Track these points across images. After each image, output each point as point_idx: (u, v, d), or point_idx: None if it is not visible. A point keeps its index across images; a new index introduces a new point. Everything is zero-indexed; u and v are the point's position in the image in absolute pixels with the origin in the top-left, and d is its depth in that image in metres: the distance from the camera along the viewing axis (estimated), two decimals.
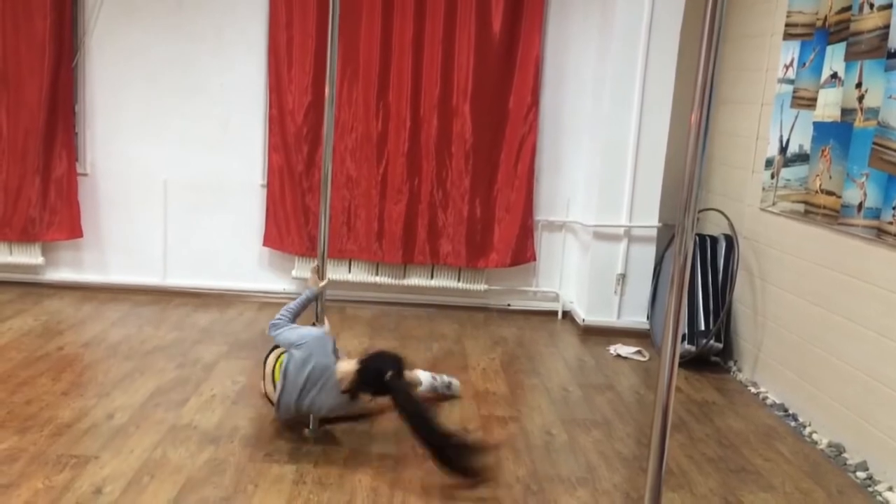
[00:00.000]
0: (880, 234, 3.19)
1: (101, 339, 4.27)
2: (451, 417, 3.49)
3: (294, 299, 3.45)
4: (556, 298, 5.37)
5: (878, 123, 3.23)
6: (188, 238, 5.28)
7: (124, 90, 5.13)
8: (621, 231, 4.94)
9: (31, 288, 5.16)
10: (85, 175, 5.19)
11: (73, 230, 5.14)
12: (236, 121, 5.17)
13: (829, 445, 3.42)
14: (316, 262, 3.41)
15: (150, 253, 5.29)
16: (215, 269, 5.30)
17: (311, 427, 3.26)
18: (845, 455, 3.33)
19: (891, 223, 3.12)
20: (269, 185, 5.16)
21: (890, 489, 3.02)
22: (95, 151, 5.20)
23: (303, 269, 5.23)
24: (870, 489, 3.06)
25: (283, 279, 5.33)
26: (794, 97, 3.95)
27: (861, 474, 3.16)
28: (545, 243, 5.34)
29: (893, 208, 3.10)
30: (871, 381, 3.22)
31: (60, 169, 5.06)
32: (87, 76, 5.12)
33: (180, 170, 5.21)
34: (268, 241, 5.22)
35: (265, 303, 5.22)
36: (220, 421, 3.31)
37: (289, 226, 5.17)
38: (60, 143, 5.05)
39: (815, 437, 3.53)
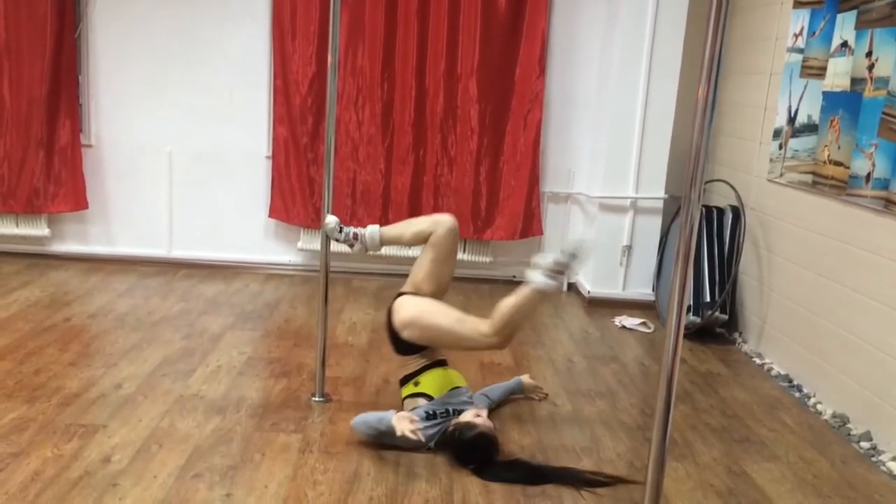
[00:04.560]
0: (888, 204, 3.16)
1: (107, 311, 4.29)
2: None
3: (297, 270, 3.36)
4: None
5: (888, 93, 3.19)
6: (194, 210, 5.28)
7: (128, 61, 5.10)
8: (627, 203, 4.92)
9: (37, 259, 5.18)
10: (89, 146, 5.19)
11: (78, 202, 5.14)
12: (241, 92, 5.15)
13: (834, 416, 3.43)
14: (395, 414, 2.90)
15: (156, 224, 5.29)
16: (221, 241, 5.31)
17: (317, 396, 3.28)
18: (849, 425, 3.34)
19: None
20: (275, 157, 5.14)
21: (893, 459, 3.03)
22: (100, 123, 5.19)
23: (308, 241, 5.23)
24: (873, 459, 3.07)
25: (289, 251, 5.34)
26: (803, 67, 3.90)
27: (865, 444, 3.17)
28: (551, 215, 5.32)
29: None
30: (877, 352, 3.21)
31: (64, 140, 5.06)
32: (90, 47, 5.09)
33: (185, 141, 5.20)
34: (273, 212, 5.22)
35: (271, 274, 5.23)
36: (227, 391, 3.33)
37: (294, 197, 5.16)
38: (64, 115, 5.04)
39: (819, 407, 3.54)
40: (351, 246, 3.23)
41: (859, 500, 2.76)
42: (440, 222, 3.11)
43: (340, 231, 3.19)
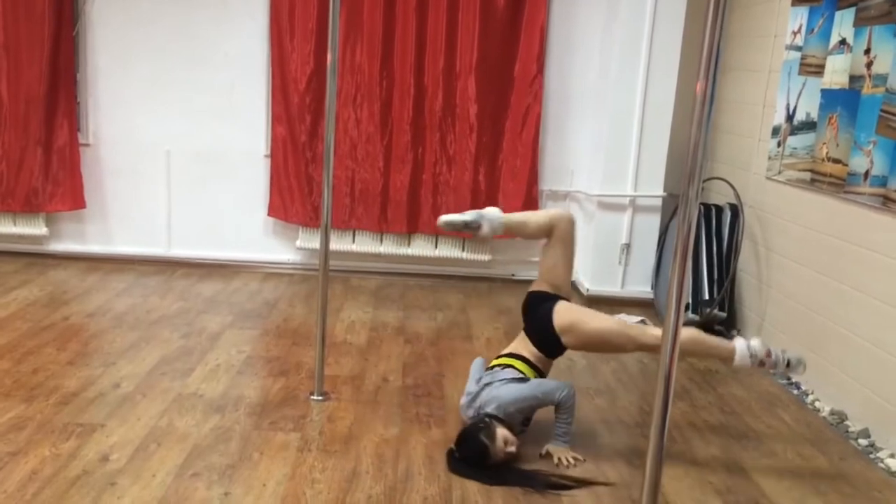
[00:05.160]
0: (886, 202, 3.16)
1: (106, 310, 4.29)
2: (456, 385, 3.50)
3: (296, 268, 3.32)
4: None
5: (887, 90, 3.19)
6: (192, 208, 5.28)
7: (126, 59, 5.09)
8: (626, 201, 4.92)
9: (35, 258, 5.18)
10: (87, 145, 5.18)
11: (76, 201, 5.14)
12: (240, 90, 5.14)
13: (832, 413, 3.43)
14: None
15: (155, 223, 5.29)
16: (220, 240, 5.30)
17: (316, 394, 3.28)
18: (847, 423, 3.34)
19: None
20: (273, 156, 5.14)
21: (892, 456, 3.03)
22: (98, 121, 5.18)
23: (307, 240, 5.23)
24: (871, 456, 3.07)
25: (288, 249, 5.33)
26: (801, 64, 3.90)
27: (863, 441, 3.17)
28: None
29: None
30: (875, 349, 3.22)
31: (62, 139, 5.05)
32: (88, 45, 5.09)
33: (183, 140, 5.19)
34: (272, 211, 5.21)
35: (270, 273, 5.23)
36: (226, 390, 3.33)
37: (293, 196, 5.15)
38: (62, 113, 5.03)
39: (817, 404, 3.54)
40: (475, 231, 3.14)
41: (857, 496, 2.76)
42: (562, 217, 3.13)
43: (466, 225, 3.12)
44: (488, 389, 2.91)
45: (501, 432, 2.78)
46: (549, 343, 2.98)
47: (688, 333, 2.87)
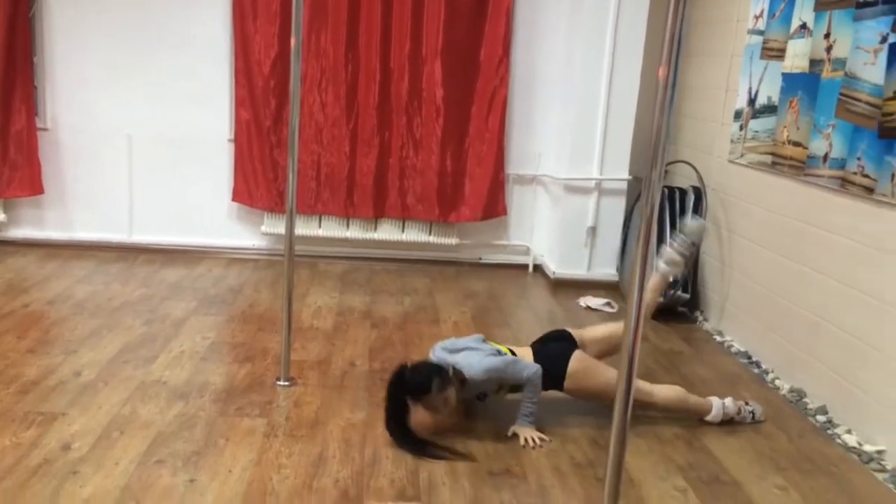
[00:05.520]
0: (844, 184, 3.22)
1: (66, 297, 4.22)
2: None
3: (261, 254, 3.33)
4: (526, 252, 5.39)
5: (845, 74, 3.24)
6: (154, 194, 5.20)
7: (85, 42, 4.98)
8: (592, 184, 4.95)
9: None
10: (45, 130, 5.07)
11: (34, 187, 5.03)
12: (203, 74, 5.06)
13: (791, 391, 3.50)
14: None
15: (116, 209, 5.20)
16: (183, 225, 5.23)
17: (282, 380, 3.27)
18: (806, 400, 3.41)
19: (855, 173, 3.15)
20: (237, 140, 5.08)
21: (848, 432, 3.10)
22: (56, 106, 5.07)
23: (272, 225, 5.19)
24: (829, 432, 3.14)
25: (253, 235, 5.28)
26: (763, 48, 3.95)
27: (821, 418, 3.25)
28: (516, 197, 5.34)
29: (858, 158, 3.13)
30: (833, 328, 3.29)
31: (19, 124, 4.93)
32: (45, 28, 4.96)
33: (145, 124, 5.10)
34: (237, 196, 5.16)
35: (234, 259, 5.18)
36: (190, 377, 3.30)
37: (257, 181, 5.10)
38: (19, 98, 4.91)
39: (777, 382, 3.62)
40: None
41: (815, 472, 2.83)
42: None
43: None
44: (469, 353, 2.95)
45: (451, 391, 2.82)
46: (550, 378, 3.01)
47: (675, 393, 3.14)
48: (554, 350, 3.10)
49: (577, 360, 3.05)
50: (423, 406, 2.78)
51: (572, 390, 3.06)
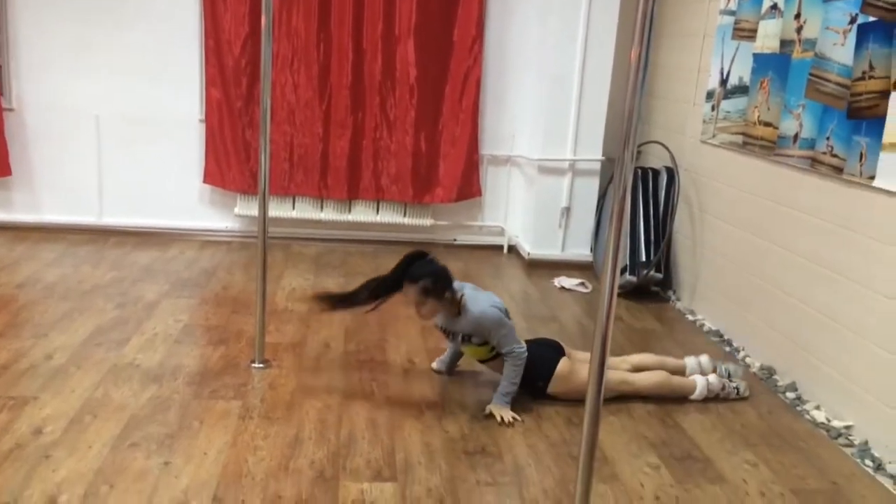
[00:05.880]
0: (814, 163, 3.26)
1: (35, 280, 4.15)
2: (399, 350, 3.52)
3: (234, 236, 3.33)
4: (501, 233, 5.40)
5: (815, 55, 3.27)
6: (125, 175, 5.12)
7: (50, 20, 4.87)
8: (566, 165, 4.96)
9: None
10: (11, 110, 4.96)
11: (2, 168, 4.93)
12: (172, 53, 4.98)
13: (762, 368, 3.56)
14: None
15: (85, 191, 5.12)
16: (154, 207, 5.17)
17: (257, 362, 3.26)
18: (776, 377, 3.47)
19: (825, 153, 3.19)
20: (208, 120, 5.01)
21: (817, 408, 3.17)
22: (21, 85, 4.96)
23: (245, 207, 5.14)
24: (798, 408, 3.21)
25: (226, 217, 5.23)
26: (735, 28, 3.97)
27: (790, 395, 3.31)
28: (490, 178, 5.34)
29: (827, 138, 3.17)
30: (802, 305, 3.34)
31: None
32: (8, 6, 4.84)
33: (114, 104, 5.02)
34: (208, 178, 5.10)
35: (207, 241, 5.13)
36: (163, 359, 3.27)
37: (229, 162, 5.05)
38: None
39: (748, 360, 3.67)
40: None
41: (784, 447, 2.89)
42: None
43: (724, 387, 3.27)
44: (486, 295, 3.07)
45: (434, 300, 2.92)
46: (534, 377, 3.05)
47: (658, 378, 3.19)
48: (545, 353, 3.13)
49: (565, 363, 3.09)
50: (409, 288, 2.90)
51: (559, 393, 3.09)
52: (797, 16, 3.43)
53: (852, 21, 3.04)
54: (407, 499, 2.39)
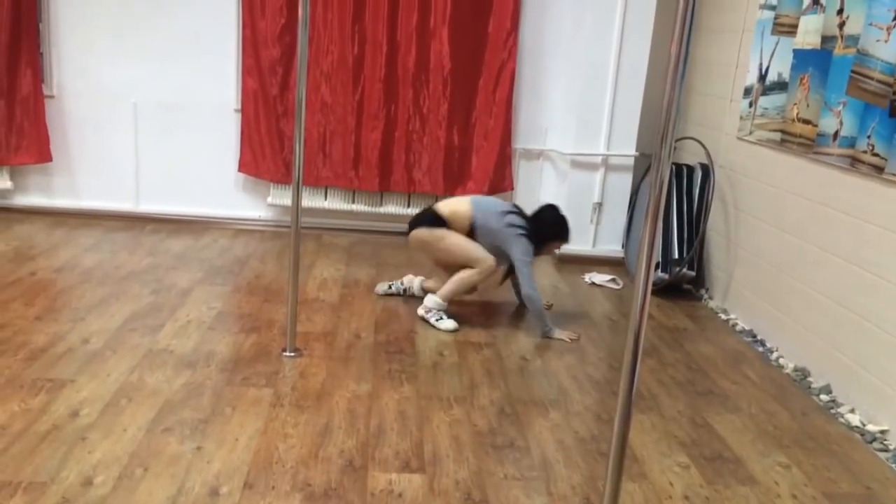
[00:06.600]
0: (854, 162, 3.21)
1: (73, 265, 4.23)
2: (428, 342, 3.53)
3: (267, 225, 3.38)
4: None
5: (858, 51, 3.21)
6: (161, 163, 5.19)
7: (91, 8, 4.95)
8: (599, 160, 4.93)
9: (0, 213, 5.07)
10: (52, 97, 5.05)
11: (42, 154, 5.03)
12: (209, 42, 5.03)
13: (795, 370, 3.51)
14: None
15: (122, 177, 5.20)
16: (189, 195, 5.23)
17: (288, 350, 3.29)
18: (810, 379, 3.43)
19: (865, 152, 3.13)
20: (244, 110, 5.06)
21: (851, 411, 3.12)
22: (62, 72, 5.05)
23: (278, 196, 5.19)
24: (832, 411, 3.16)
25: (259, 206, 5.28)
26: (775, 24, 3.91)
27: (825, 397, 3.26)
28: (522, 172, 5.32)
29: (868, 137, 3.11)
30: (838, 307, 3.29)
31: (26, 90, 4.92)
32: None
33: (152, 92, 5.08)
34: (243, 167, 5.15)
35: (240, 229, 5.18)
36: (197, 346, 3.32)
37: (264, 151, 5.09)
38: (25, 63, 4.89)
39: (781, 361, 3.63)
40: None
41: (818, 450, 2.85)
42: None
43: None
44: (512, 216, 3.84)
45: (425, 229, 3.75)
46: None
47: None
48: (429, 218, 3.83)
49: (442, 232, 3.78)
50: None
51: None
52: (839, 11, 3.36)
53: None
54: (434, 491, 2.41)
